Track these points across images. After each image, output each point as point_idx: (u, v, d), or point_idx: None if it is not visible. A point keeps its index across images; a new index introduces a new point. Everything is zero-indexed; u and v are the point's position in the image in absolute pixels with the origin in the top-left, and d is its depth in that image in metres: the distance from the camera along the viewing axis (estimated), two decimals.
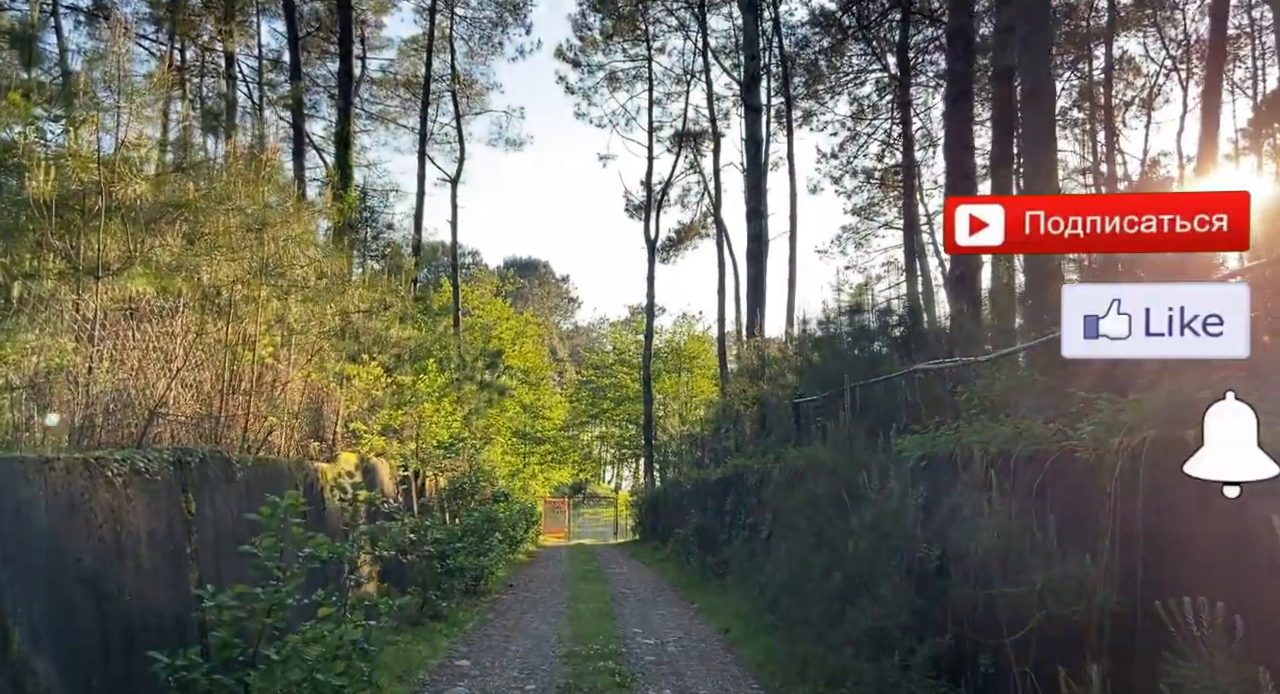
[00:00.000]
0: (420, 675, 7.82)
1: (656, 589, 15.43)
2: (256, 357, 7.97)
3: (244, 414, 7.34)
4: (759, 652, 8.90)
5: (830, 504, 7.07)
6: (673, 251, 45.37)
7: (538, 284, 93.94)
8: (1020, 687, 5.27)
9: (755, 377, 19.74)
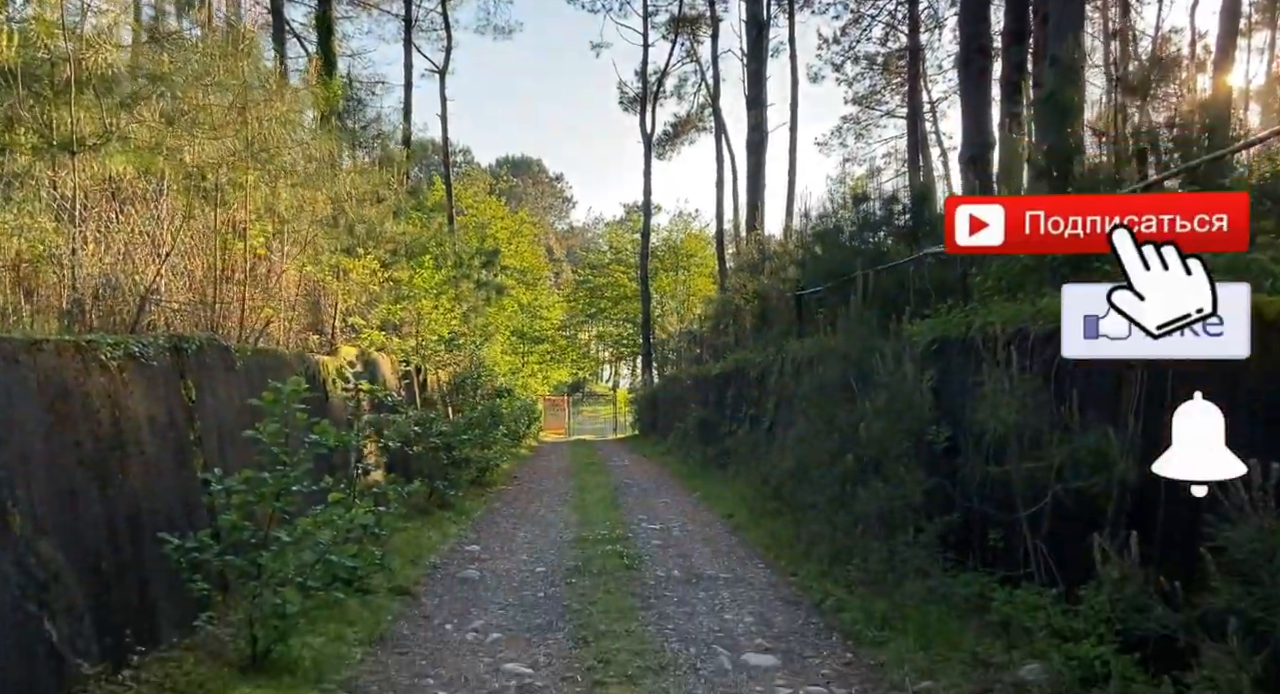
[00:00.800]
0: (431, 559, 7.92)
1: (659, 480, 15.64)
2: (249, 246, 7.72)
3: (239, 304, 7.14)
4: (763, 535, 9.01)
5: (840, 390, 6.98)
6: (669, 146, 44.27)
7: (531, 183, 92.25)
8: (1031, 559, 5.28)
9: (755, 271, 19.46)
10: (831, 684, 4.98)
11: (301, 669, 4.60)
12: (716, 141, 34.39)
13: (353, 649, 5.23)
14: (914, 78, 27.58)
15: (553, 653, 5.43)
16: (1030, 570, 5.37)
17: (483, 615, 6.28)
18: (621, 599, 6.68)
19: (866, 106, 40.60)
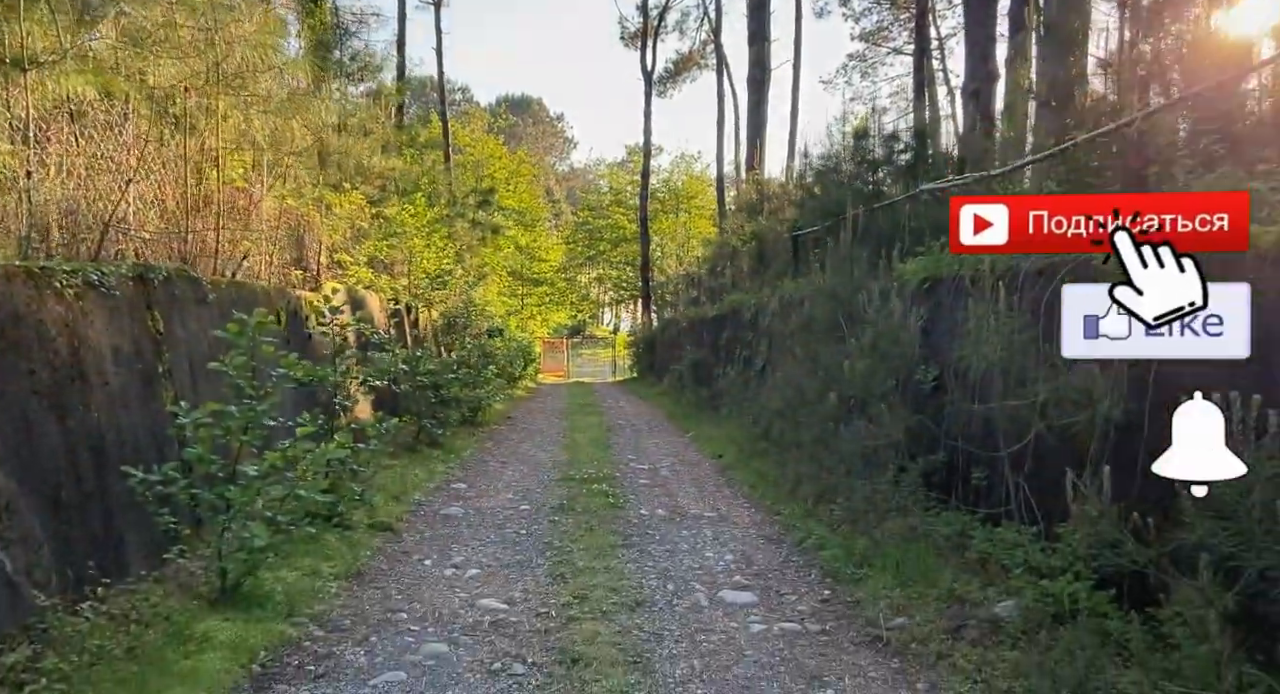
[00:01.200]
0: (416, 496, 7.90)
1: (651, 421, 15.63)
2: (224, 176, 7.52)
3: (214, 236, 6.96)
4: (751, 474, 8.99)
5: (828, 329, 6.86)
6: (670, 84, 43.35)
7: (531, 123, 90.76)
8: (1012, 497, 5.22)
9: (753, 212, 19.18)
10: (806, 621, 4.96)
11: (272, 603, 4.57)
12: (718, 79, 33.64)
13: (328, 583, 5.21)
14: (922, 13, 26.79)
15: (530, 589, 5.42)
16: (1011, 509, 5.31)
17: (463, 552, 6.27)
18: (604, 537, 6.65)
19: (873, 43, 39.60)
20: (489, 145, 39.39)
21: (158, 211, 6.45)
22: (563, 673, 4.10)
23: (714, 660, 4.36)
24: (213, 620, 4.17)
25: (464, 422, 13.06)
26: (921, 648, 4.48)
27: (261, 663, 3.98)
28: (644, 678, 4.09)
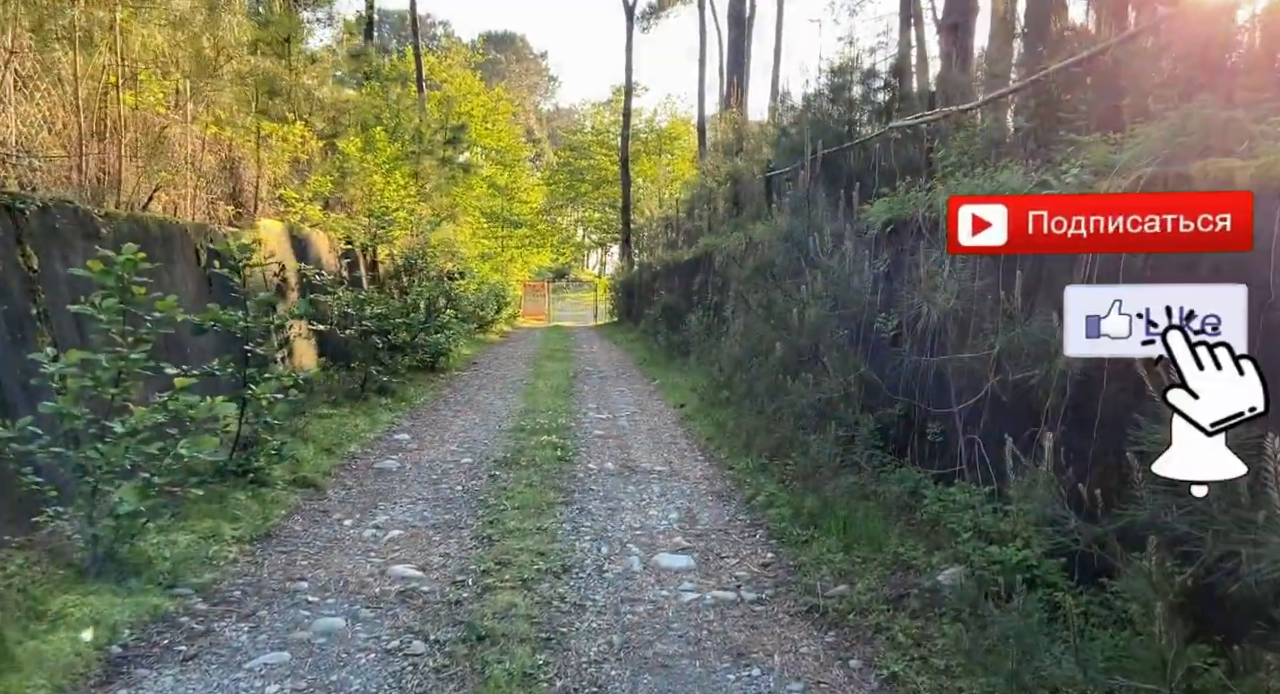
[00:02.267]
0: (351, 448, 7.51)
1: (621, 367, 15.25)
2: (138, 100, 6.92)
3: (117, 165, 6.39)
4: (709, 426, 8.64)
5: (786, 275, 6.42)
6: (653, 19, 42.13)
7: (515, 60, 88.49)
8: (964, 455, 4.87)
9: (730, 153, 18.55)
10: (742, 588, 4.64)
11: (152, 572, 4.19)
12: (700, 14, 32.54)
13: (226, 548, 4.83)
14: None
15: (451, 553, 5.06)
16: (963, 468, 4.97)
17: (389, 511, 5.90)
18: (543, 494, 6.29)
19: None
20: (466, 81, 38.09)
21: (53, 138, 5.88)
22: (464, 652, 3.75)
23: (635, 636, 4.03)
24: (76, 593, 3.78)
25: (423, 367, 12.65)
26: (860, 619, 4.17)
27: (124, 642, 3.60)
28: (553, 657, 3.75)
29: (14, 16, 5.20)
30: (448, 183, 19.96)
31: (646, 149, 41.42)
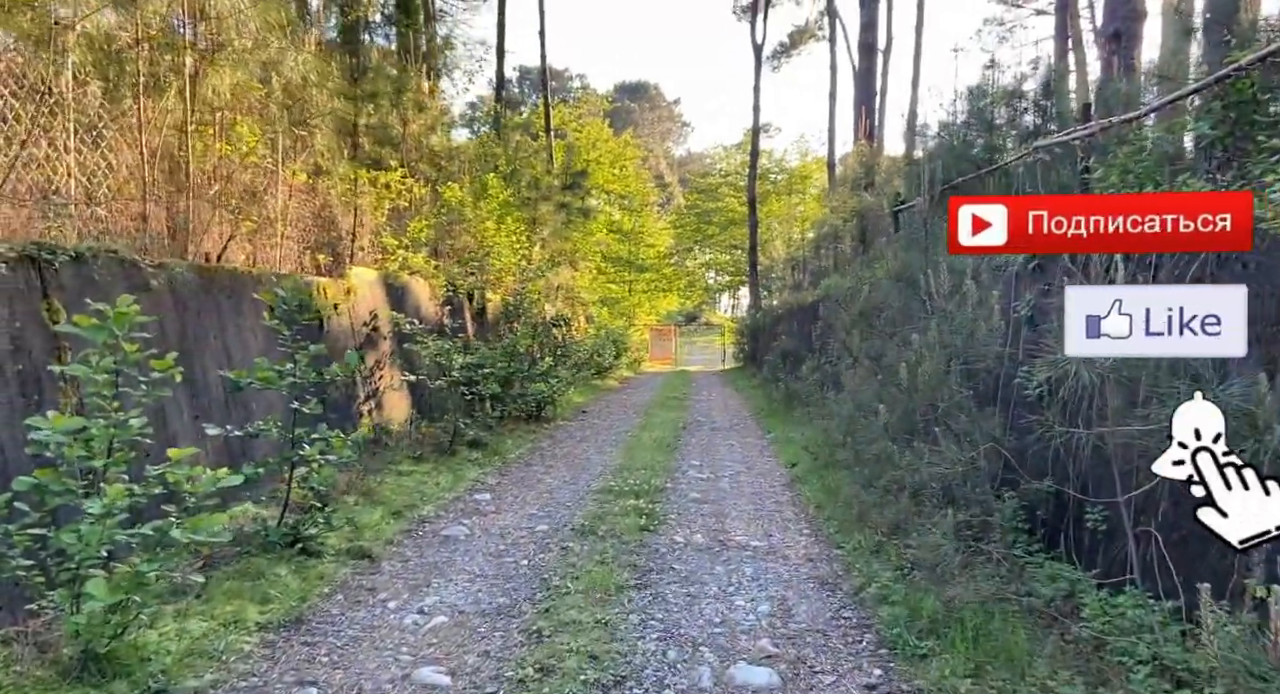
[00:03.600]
0: (424, 511, 6.97)
1: (735, 418, 14.32)
2: (216, 147, 6.76)
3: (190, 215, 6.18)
4: (820, 491, 7.62)
5: (900, 321, 5.43)
6: (784, 57, 41.53)
7: (648, 108, 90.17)
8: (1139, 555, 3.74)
9: (858, 187, 17.48)
10: None
11: (143, 671, 3.65)
12: (830, 48, 31.79)
13: (245, 638, 4.27)
14: None
15: (492, 650, 4.33)
16: (1135, 573, 3.83)
17: (440, 590, 5.24)
18: (614, 573, 5.49)
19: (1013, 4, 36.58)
20: (594, 128, 38.56)
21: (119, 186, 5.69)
22: None
23: None
24: None
25: (526, 417, 12.18)
26: None
27: None
28: None
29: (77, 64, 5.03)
30: (564, 227, 19.78)
31: (776, 189, 40.64)
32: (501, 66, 27.32)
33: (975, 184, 9.41)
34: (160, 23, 5.60)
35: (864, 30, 22.12)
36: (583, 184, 22.17)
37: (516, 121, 23.63)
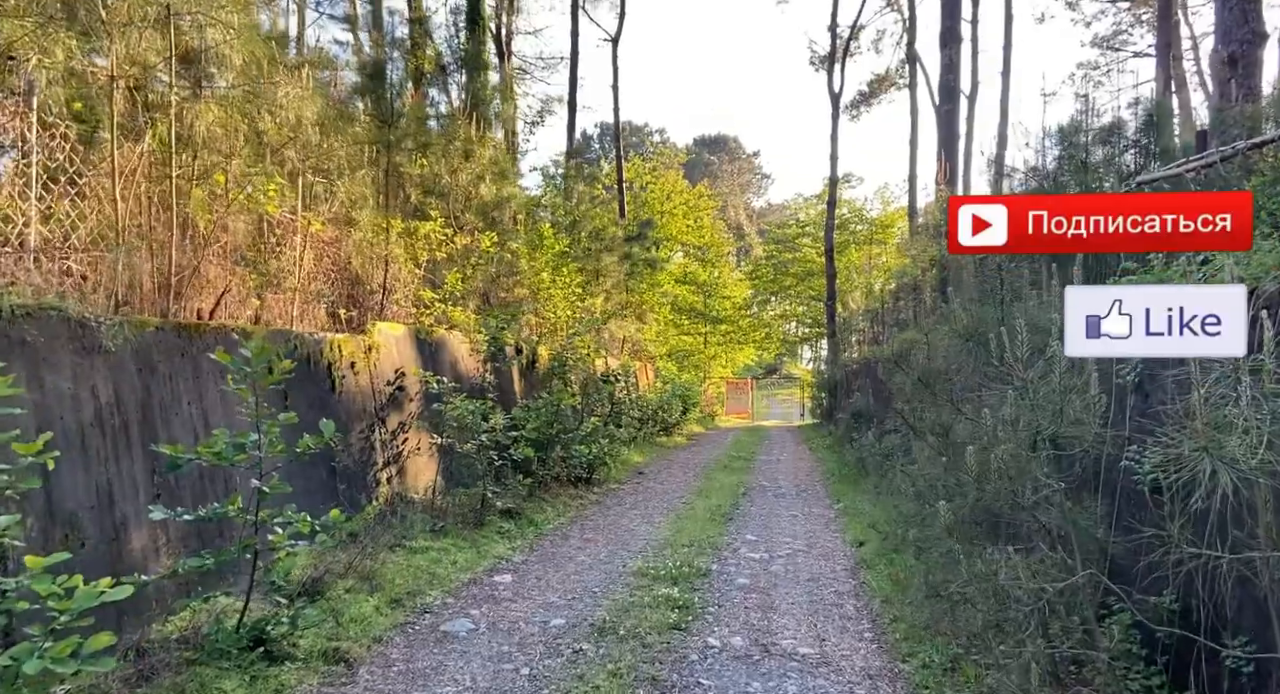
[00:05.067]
0: (428, 598, 6.20)
1: (803, 483, 13.21)
2: (220, 194, 6.32)
3: (171, 266, 5.69)
4: (887, 581, 6.57)
5: (975, 388, 4.47)
6: (863, 107, 40.77)
7: (728, 160, 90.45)
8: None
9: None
10: None
11: None
12: (911, 94, 30.97)
13: None
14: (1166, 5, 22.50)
15: None
16: None
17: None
18: (627, 691, 4.60)
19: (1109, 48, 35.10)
20: (668, 180, 38.30)
21: (96, 236, 5.24)
22: None
23: None
24: None
25: (574, 480, 11.40)
26: None
27: None
28: None
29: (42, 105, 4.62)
30: (628, 279, 19.19)
31: (856, 239, 39.47)
32: (573, 120, 27.39)
33: None
34: (143, 60, 5.19)
35: (944, 72, 21.16)
36: (648, 235, 21.63)
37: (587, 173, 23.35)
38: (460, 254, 10.55)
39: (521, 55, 32.96)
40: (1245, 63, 8.73)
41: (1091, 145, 10.21)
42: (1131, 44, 34.36)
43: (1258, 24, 8.96)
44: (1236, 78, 8.65)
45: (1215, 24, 9.39)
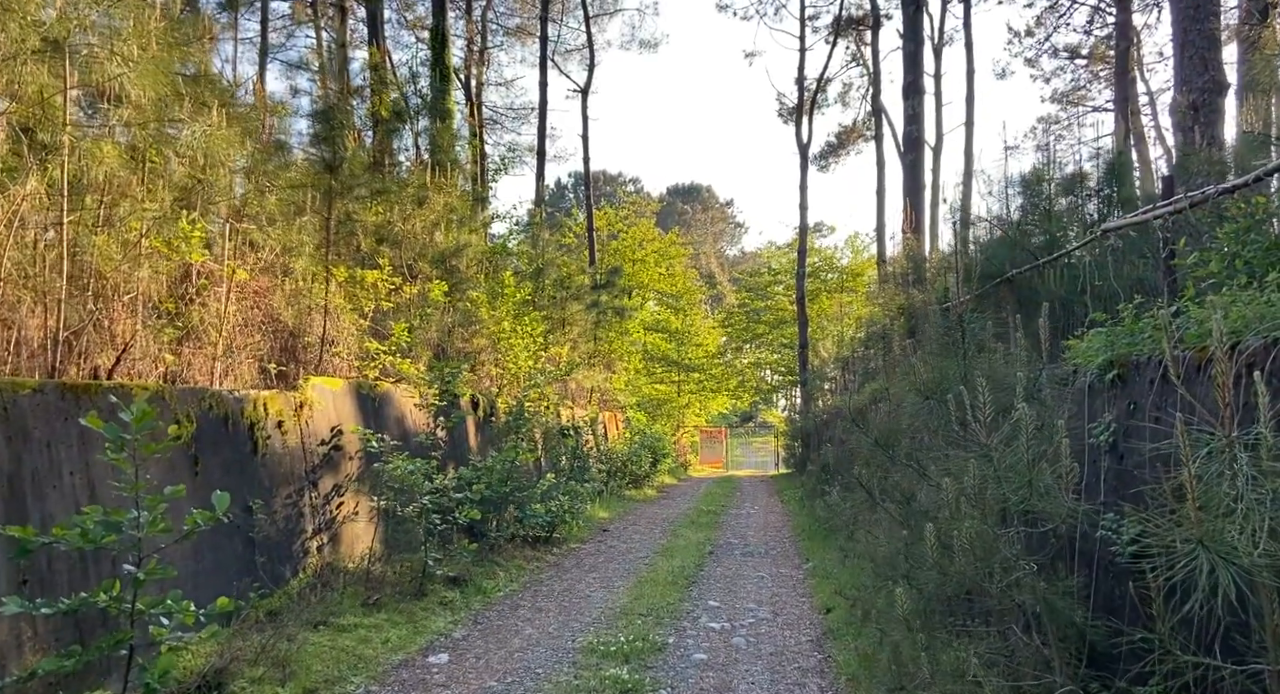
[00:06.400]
0: (349, 687, 5.58)
1: (774, 539, 12.71)
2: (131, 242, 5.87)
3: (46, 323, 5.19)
4: (854, 657, 6.06)
5: (930, 450, 4.08)
6: (832, 158, 41.30)
7: (700, 209, 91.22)
8: None
9: (905, 283, 16.21)
10: None
11: None
12: (877, 145, 31.33)
13: None
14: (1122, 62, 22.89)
15: None
16: None
17: None
18: None
19: (1068, 104, 35.84)
20: (640, 228, 38.26)
21: None
22: None
23: None
24: None
25: (532, 541, 10.84)
26: None
27: None
28: None
29: None
30: (595, 328, 18.82)
31: (827, 287, 39.52)
32: (541, 167, 27.36)
33: (1032, 276, 8.11)
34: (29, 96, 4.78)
35: (908, 123, 21.27)
36: (616, 282, 21.34)
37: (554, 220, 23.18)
38: (411, 303, 10.12)
39: (492, 106, 33.11)
40: (1207, 111, 8.63)
41: (1055, 195, 10.09)
42: (1090, 99, 35.12)
43: (1218, 73, 8.88)
44: (1199, 125, 8.53)
45: (1175, 72, 9.32)
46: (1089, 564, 4.04)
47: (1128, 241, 6.83)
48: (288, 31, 26.99)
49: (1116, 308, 5.00)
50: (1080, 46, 33.22)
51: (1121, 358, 4.25)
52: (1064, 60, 34.31)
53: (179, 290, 6.51)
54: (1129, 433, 4.09)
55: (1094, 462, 4.33)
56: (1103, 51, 32.28)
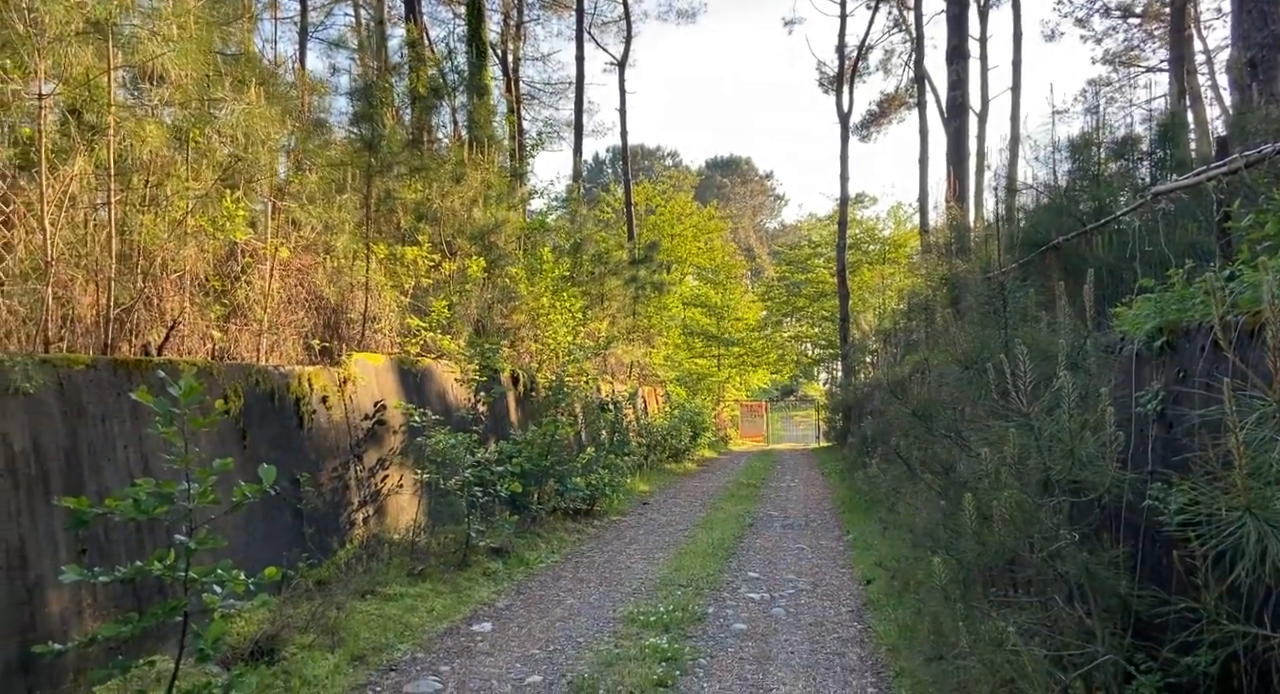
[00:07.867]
0: (398, 652, 5.75)
1: (814, 511, 12.70)
2: (177, 221, 5.99)
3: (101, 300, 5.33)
4: (894, 628, 6.06)
5: (970, 422, 4.02)
6: (873, 127, 40.59)
7: (740, 182, 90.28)
8: None
9: (947, 253, 15.94)
10: None
11: None
12: (920, 113, 30.66)
13: None
14: (1179, 12, 22.07)
15: None
16: None
17: None
18: None
19: (1120, 65, 34.67)
20: (679, 202, 38.06)
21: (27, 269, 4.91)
22: None
23: None
24: None
25: (573, 513, 10.96)
26: None
27: None
28: None
29: None
30: (634, 302, 18.82)
31: (869, 259, 38.95)
32: (579, 142, 27.29)
33: (1079, 243, 7.92)
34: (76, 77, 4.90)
35: (951, 89, 20.78)
36: (655, 257, 21.28)
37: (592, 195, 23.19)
38: (450, 280, 10.22)
39: (529, 81, 33.06)
40: (1266, 67, 8.29)
41: (1104, 159, 9.79)
42: (1144, 59, 33.96)
43: (1278, 26, 8.50)
44: (1258, 82, 8.21)
45: (1232, 28, 8.96)
46: (1135, 534, 3.97)
47: (1180, 205, 6.62)
48: (326, 9, 27.16)
49: (1166, 274, 4.86)
50: (1134, 4, 32.13)
51: (1171, 324, 4.14)
52: (1116, 19, 33.21)
53: (224, 268, 6.66)
54: (1178, 401, 3.99)
55: (1141, 431, 4.23)
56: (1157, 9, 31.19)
